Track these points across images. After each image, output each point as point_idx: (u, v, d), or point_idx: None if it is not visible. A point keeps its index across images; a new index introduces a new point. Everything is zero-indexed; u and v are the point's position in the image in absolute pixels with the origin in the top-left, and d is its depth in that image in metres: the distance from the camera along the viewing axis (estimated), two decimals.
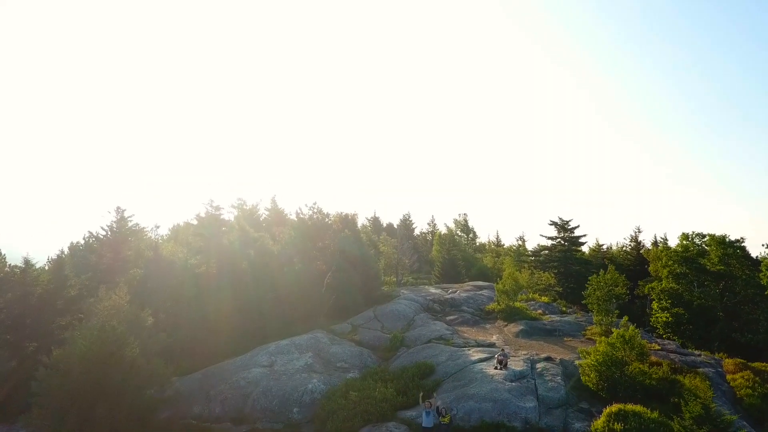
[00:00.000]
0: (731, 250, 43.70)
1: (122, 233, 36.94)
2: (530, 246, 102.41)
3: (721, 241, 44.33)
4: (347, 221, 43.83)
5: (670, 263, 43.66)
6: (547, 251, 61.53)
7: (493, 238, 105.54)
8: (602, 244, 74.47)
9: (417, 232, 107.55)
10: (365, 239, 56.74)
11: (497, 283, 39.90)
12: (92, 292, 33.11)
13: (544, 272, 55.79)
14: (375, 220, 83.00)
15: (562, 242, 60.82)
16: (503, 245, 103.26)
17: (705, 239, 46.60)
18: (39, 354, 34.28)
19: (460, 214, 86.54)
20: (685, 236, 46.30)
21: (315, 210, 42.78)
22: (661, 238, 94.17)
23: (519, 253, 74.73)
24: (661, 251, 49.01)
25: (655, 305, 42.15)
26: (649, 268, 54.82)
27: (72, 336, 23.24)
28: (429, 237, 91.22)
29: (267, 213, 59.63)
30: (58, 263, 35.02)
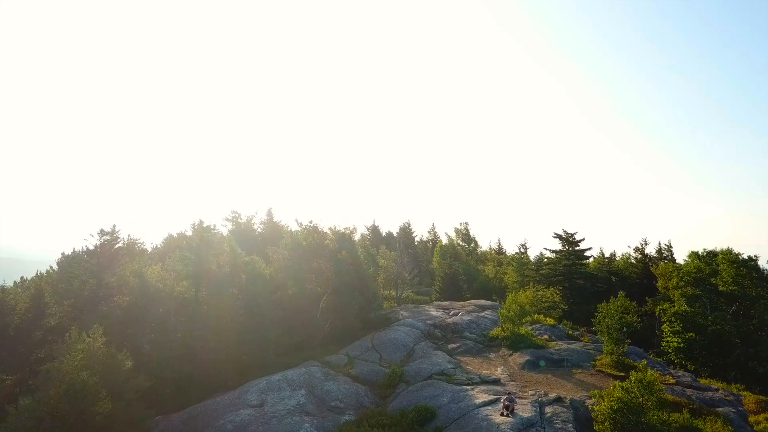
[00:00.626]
0: (744, 269, 41.88)
1: (107, 256, 34.99)
2: (532, 253, 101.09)
3: (733, 260, 42.50)
4: (344, 239, 41.95)
5: (681, 284, 41.80)
6: (551, 265, 59.62)
7: (494, 245, 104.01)
8: (607, 257, 72.81)
9: (417, 238, 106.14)
10: (363, 254, 54.84)
11: (501, 309, 37.99)
12: (74, 320, 31.25)
13: (548, 288, 53.83)
14: (374, 230, 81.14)
15: (567, 256, 58.93)
16: (505, 252, 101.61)
17: (716, 258, 44.74)
18: (17, 387, 32.48)
19: (461, 223, 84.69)
20: (695, 255, 44.44)
21: (310, 228, 40.90)
22: (666, 245, 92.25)
23: (521, 263, 72.79)
24: (671, 270, 47.08)
25: (666, 329, 40.29)
26: (658, 285, 52.96)
27: (43, 383, 21.34)
28: (429, 244, 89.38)
29: (262, 227, 57.76)
30: (37, 290, 33.12)
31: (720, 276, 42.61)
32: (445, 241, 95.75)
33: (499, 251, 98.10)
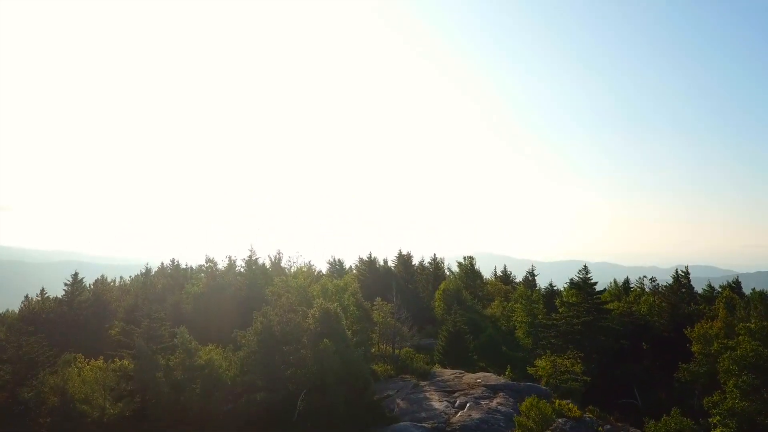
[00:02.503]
0: None
1: (24, 364, 27.90)
2: (542, 279, 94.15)
3: None
4: (328, 318, 34.90)
5: (735, 369, 34.72)
6: (568, 318, 52.51)
7: (500, 270, 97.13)
8: (629, 299, 65.79)
9: (417, 261, 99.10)
10: (354, 312, 47.93)
11: (517, 415, 30.96)
12: None
13: (566, 354, 46.59)
14: (370, 264, 74.03)
15: (587, 309, 51.91)
16: (513, 277, 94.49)
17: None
18: None
19: (465, 258, 77.66)
20: (747, 329, 37.31)
21: (285, 308, 33.95)
22: (683, 271, 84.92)
23: (530, 300, 65.76)
24: (727, 357, 38.87)
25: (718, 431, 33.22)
26: (693, 348, 45.97)
27: None
28: (431, 278, 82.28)
29: (239, 279, 50.93)
30: None
31: None
32: (449, 267, 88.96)
33: (506, 279, 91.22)
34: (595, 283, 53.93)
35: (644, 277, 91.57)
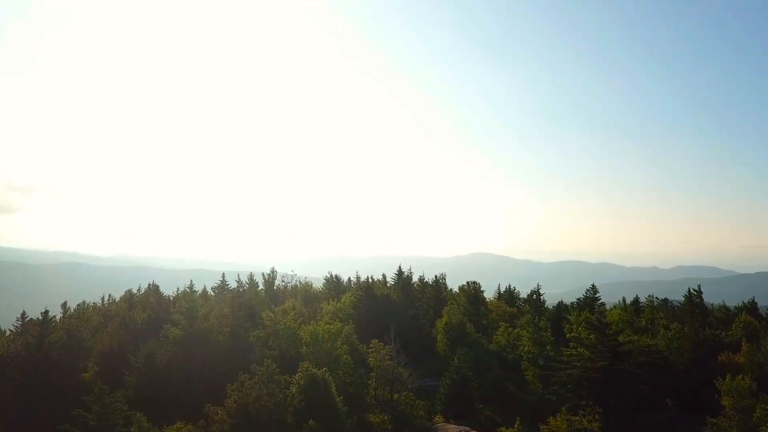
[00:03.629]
0: None
1: None
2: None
3: None
4: (315, 387, 30.45)
5: None
6: (583, 362, 48.08)
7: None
8: (636, 318, 61.47)
9: (416, 278, 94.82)
10: (348, 361, 43.52)
11: None
12: None
13: (582, 414, 42.01)
14: (367, 290, 69.52)
15: (603, 353, 47.50)
16: (516, 293, 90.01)
17: None
18: None
19: (468, 283, 73.30)
20: None
21: (262, 389, 29.41)
22: (695, 290, 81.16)
23: (538, 327, 61.46)
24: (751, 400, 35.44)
25: None
26: (724, 402, 41.64)
27: None
28: (433, 301, 77.95)
29: (223, 321, 46.30)
30: None
31: None
32: (452, 290, 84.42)
33: (511, 299, 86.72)
34: (611, 324, 49.57)
35: (653, 297, 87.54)
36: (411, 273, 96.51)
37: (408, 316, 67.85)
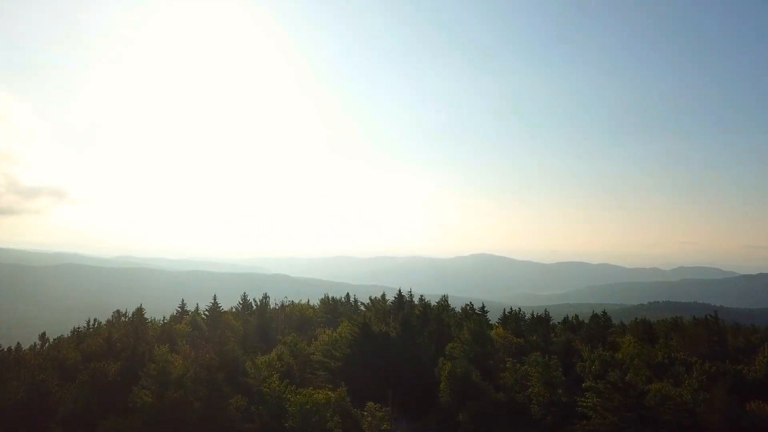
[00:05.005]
0: None
1: None
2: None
3: None
4: None
5: None
6: (601, 411, 43.07)
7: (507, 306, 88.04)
8: (651, 346, 56.34)
9: (418, 297, 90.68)
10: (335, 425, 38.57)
11: None
12: None
13: None
14: (365, 328, 64.55)
15: (628, 418, 42.50)
16: (524, 319, 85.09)
17: None
18: None
19: (475, 313, 68.46)
20: None
21: None
22: (710, 316, 77.09)
23: (547, 367, 56.40)
24: None
25: None
26: None
27: None
28: (436, 336, 72.77)
29: (200, 390, 41.29)
30: None
31: None
32: (458, 321, 79.45)
33: (518, 329, 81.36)
34: (636, 386, 44.22)
35: (664, 317, 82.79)
36: (411, 296, 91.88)
37: (408, 355, 63.00)
